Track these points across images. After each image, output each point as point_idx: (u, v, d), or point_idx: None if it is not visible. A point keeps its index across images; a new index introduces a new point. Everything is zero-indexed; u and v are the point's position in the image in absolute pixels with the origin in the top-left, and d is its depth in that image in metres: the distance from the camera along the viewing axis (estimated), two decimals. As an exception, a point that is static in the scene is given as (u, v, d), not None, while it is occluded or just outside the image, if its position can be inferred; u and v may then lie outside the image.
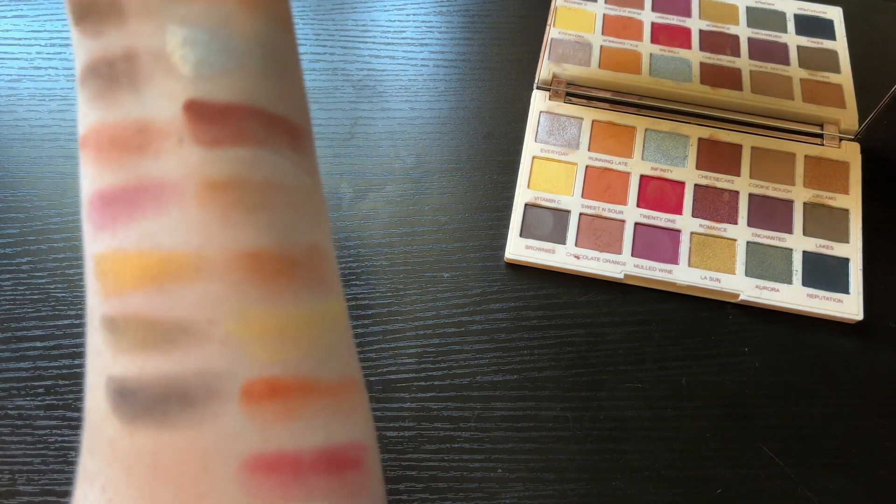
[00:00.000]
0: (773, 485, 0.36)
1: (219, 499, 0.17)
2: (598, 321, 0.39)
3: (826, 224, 0.41)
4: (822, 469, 0.36)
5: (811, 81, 0.45)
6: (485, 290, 0.39)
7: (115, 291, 0.18)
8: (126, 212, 0.18)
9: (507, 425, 0.37)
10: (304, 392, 0.18)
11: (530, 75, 0.45)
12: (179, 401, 0.17)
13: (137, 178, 0.18)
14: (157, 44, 0.18)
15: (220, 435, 0.17)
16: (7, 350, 0.37)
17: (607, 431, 0.37)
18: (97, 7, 0.18)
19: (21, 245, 0.39)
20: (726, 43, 0.46)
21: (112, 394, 0.18)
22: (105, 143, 0.18)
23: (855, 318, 0.38)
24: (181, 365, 0.17)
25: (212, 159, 0.18)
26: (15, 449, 0.35)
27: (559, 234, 0.40)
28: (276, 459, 0.18)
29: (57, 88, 0.43)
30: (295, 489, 0.18)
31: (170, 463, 0.17)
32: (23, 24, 0.44)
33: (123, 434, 0.18)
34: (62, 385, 0.37)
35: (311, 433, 0.18)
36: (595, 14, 0.47)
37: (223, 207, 0.18)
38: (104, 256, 0.18)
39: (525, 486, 0.36)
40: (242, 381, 0.18)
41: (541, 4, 0.47)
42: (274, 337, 0.18)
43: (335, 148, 0.42)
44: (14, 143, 0.42)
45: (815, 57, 0.46)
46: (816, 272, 0.39)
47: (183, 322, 0.17)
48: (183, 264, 0.17)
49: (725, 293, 0.39)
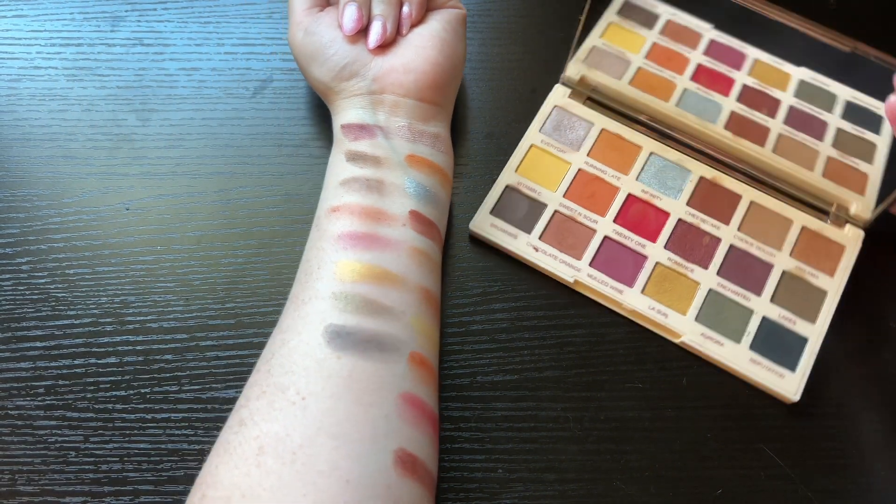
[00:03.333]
0: (773, 485, 0.36)
1: (382, 410, 0.28)
2: (598, 321, 0.39)
3: (798, 298, 0.39)
4: (823, 469, 0.37)
5: (838, 162, 0.43)
6: (485, 290, 0.39)
7: (349, 280, 0.30)
8: (365, 245, 0.32)
9: (508, 425, 0.37)
10: (432, 374, 0.31)
11: (530, 75, 0.45)
12: (376, 347, 0.29)
13: (375, 231, 0.32)
14: (399, 182, 0.34)
15: (393, 373, 0.29)
16: (7, 350, 0.37)
17: (607, 432, 0.37)
18: (366, 158, 0.34)
19: (21, 245, 0.39)
20: (765, 103, 0.45)
21: (330, 334, 0.29)
22: (357, 212, 0.33)
23: (791, 398, 0.37)
24: (382, 329, 0.30)
25: (417, 239, 0.33)
26: (15, 449, 0.35)
27: (528, 223, 0.40)
28: (417, 401, 0.29)
29: (57, 88, 0.43)
30: (419, 423, 0.29)
31: (359, 380, 0.28)
32: (23, 24, 0.44)
33: (332, 358, 0.28)
34: (62, 385, 0.37)
35: (430, 398, 0.31)
36: (646, 39, 0.47)
37: (418, 262, 0.32)
38: (346, 263, 0.31)
39: (525, 486, 0.36)
40: (411, 350, 0.30)
41: (541, 4, 0.47)
42: (427, 337, 0.32)
43: (335, 148, 0.42)
44: (14, 143, 0.41)
45: (852, 142, 0.44)
46: (769, 340, 0.38)
47: (387, 306, 0.30)
48: (394, 279, 0.31)
49: (668, 329, 0.38)
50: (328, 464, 0.26)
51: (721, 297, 0.39)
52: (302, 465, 0.26)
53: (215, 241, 0.40)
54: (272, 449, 0.26)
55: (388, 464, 0.27)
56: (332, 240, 0.32)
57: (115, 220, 0.40)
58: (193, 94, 0.43)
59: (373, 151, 0.34)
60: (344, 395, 0.27)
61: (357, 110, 0.36)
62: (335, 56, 0.36)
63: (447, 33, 0.37)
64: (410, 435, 0.28)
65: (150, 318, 0.38)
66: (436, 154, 0.36)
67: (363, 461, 0.26)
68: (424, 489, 0.28)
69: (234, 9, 0.45)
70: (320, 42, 0.37)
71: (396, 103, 0.36)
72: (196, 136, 0.42)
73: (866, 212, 0.41)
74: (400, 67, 0.36)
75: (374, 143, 0.35)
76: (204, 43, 0.44)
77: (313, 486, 0.25)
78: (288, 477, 0.26)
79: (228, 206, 0.41)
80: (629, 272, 0.39)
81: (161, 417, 0.36)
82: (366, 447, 0.27)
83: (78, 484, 0.35)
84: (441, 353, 0.38)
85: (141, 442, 0.36)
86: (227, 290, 0.39)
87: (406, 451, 0.28)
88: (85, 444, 0.36)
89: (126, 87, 0.43)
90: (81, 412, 0.36)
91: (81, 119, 0.42)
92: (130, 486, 0.35)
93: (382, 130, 0.35)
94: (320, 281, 0.31)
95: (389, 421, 0.28)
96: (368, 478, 0.26)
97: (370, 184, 0.33)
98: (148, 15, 0.45)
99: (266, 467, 0.26)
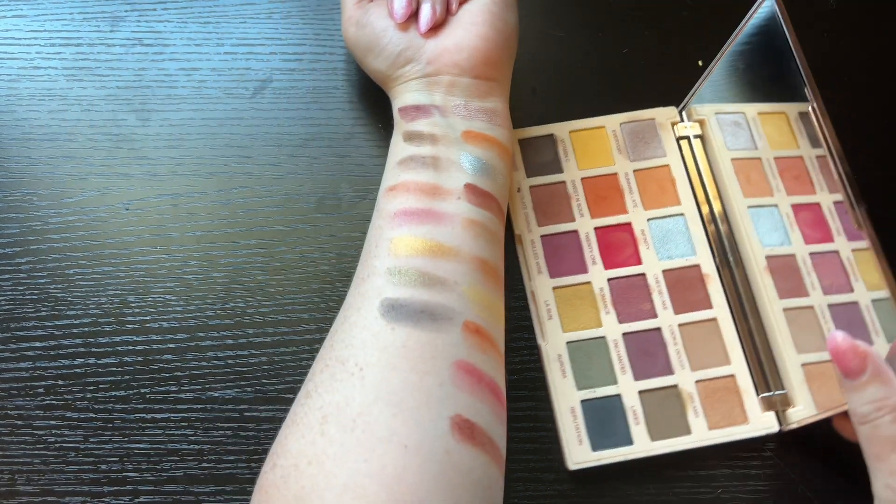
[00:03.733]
0: (773, 485, 0.36)
1: (437, 378, 0.29)
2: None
3: (666, 417, 0.36)
4: (822, 469, 0.36)
5: (829, 368, 0.37)
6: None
7: (404, 254, 0.31)
8: (419, 220, 0.32)
9: (508, 426, 0.37)
10: (490, 342, 0.31)
11: (530, 75, 0.45)
12: (429, 317, 0.30)
13: (430, 206, 0.33)
14: (454, 157, 0.34)
15: (447, 342, 0.30)
16: (6, 350, 0.37)
17: (607, 431, 0.37)
18: (423, 136, 0.35)
19: (20, 245, 0.39)
20: (841, 279, 0.39)
21: (385, 307, 0.30)
22: (412, 189, 0.33)
23: (568, 464, 0.35)
24: (434, 299, 0.30)
25: (473, 210, 0.33)
26: (14, 449, 0.35)
27: (556, 165, 0.42)
28: (472, 368, 0.30)
29: (56, 88, 0.43)
30: (476, 390, 0.29)
31: (413, 349, 0.29)
32: (22, 24, 0.44)
33: (387, 329, 0.29)
34: (62, 385, 0.37)
35: (488, 367, 0.31)
36: (798, 145, 0.41)
37: (474, 233, 0.33)
38: (402, 238, 0.32)
39: (525, 486, 0.36)
40: (465, 318, 0.30)
41: (541, 4, 0.47)
42: (484, 306, 0.32)
43: (335, 148, 0.42)
44: (13, 142, 0.41)
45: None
46: (598, 415, 0.36)
47: (440, 278, 0.31)
48: (448, 251, 0.32)
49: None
50: (387, 430, 0.27)
51: (605, 350, 0.38)
52: (362, 433, 0.27)
53: (215, 241, 0.40)
54: (334, 418, 0.28)
55: (445, 429, 0.27)
56: (388, 218, 0.33)
57: (115, 220, 0.40)
58: (193, 94, 0.43)
59: (429, 130, 0.35)
60: (399, 364, 0.28)
61: (413, 93, 0.36)
62: (389, 45, 0.37)
63: (496, 6, 0.37)
64: (467, 402, 0.29)
65: (150, 318, 0.38)
66: (493, 128, 0.36)
67: (420, 427, 0.27)
68: (488, 456, 0.29)
69: (234, 9, 0.45)
70: (373, 33, 0.37)
71: (452, 83, 0.36)
72: (196, 136, 0.42)
73: (804, 419, 0.36)
74: (452, 47, 0.36)
75: (430, 122, 0.35)
76: (203, 43, 0.44)
77: (373, 452, 0.26)
78: (350, 444, 0.27)
79: (228, 206, 0.41)
80: (575, 259, 0.40)
81: (160, 417, 0.36)
82: (422, 413, 0.27)
83: (77, 484, 0.35)
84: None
85: (140, 442, 0.36)
86: (226, 290, 0.39)
87: (462, 417, 0.28)
88: (84, 444, 0.36)
89: (126, 87, 0.43)
90: (81, 412, 0.36)
91: (81, 119, 0.42)
92: (130, 486, 0.35)
93: (439, 109, 0.36)
94: (377, 258, 0.32)
95: (444, 388, 0.28)
96: (427, 443, 0.27)
97: (426, 161, 0.34)
98: (147, 15, 0.45)
99: (329, 435, 0.27)
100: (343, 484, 0.26)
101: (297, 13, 0.45)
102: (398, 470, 0.26)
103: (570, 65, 0.45)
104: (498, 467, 0.30)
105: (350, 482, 0.26)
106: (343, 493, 0.26)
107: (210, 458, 0.36)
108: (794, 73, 0.33)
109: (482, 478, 0.28)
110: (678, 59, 0.44)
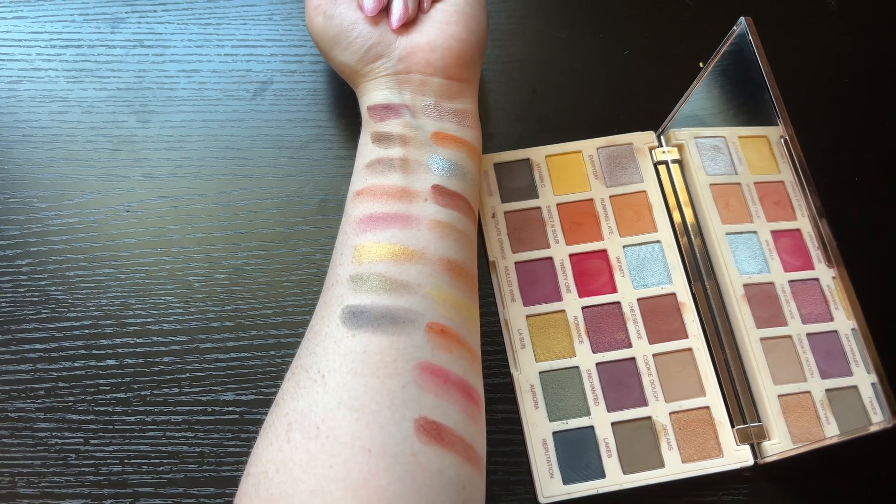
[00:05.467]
0: (775, 487, 0.36)
1: (399, 381, 0.28)
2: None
3: (636, 450, 0.36)
4: (822, 469, 0.36)
5: (811, 402, 0.37)
6: (484, 292, 0.39)
7: (367, 261, 0.31)
8: (384, 224, 0.32)
9: (508, 427, 0.37)
10: (457, 342, 0.31)
11: (530, 75, 0.45)
12: (390, 321, 0.29)
13: (395, 211, 0.32)
14: (423, 159, 0.34)
15: (409, 344, 0.29)
16: (7, 352, 0.37)
17: (608, 434, 0.36)
18: (392, 138, 0.34)
19: (21, 247, 0.39)
20: (821, 307, 0.38)
21: (345, 315, 0.30)
22: (379, 193, 0.33)
23: (539, 498, 0.35)
24: (397, 303, 0.30)
25: (440, 211, 0.33)
26: (15, 451, 0.35)
27: (531, 191, 0.41)
28: (437, 369, 0.29)
29: (57, 90, 0.43)
30: (441, 391, 0.29)
31: (374, 354, 0.29)
32: (23, 26, 0.44)
33: (348, 336, 0.29)
34: (62, 387, 0.37)
35: (456, 366, 0.30)
36: (780, 170, 0.40)
37: (440, 234, 0.32)
38: (365, 245, 0.31)
39: (526, 488, 0.36)
40: (428, 320, 0.30)
41: (542, 5, 0.47)
42: (450, 306, 0.31)
43: (336, 149, 0.42)
44: (14, 144, 0.41)
45: (842, 399, 0.37)
46: (570, 448, 0.36)
47: (403, 282, 0.30)
48: (412, 254, 0.31)
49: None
50: (350, 435, 0.27)
51: (578, 380, 0.37)
52: (326, 438, 0.27)
53: (215, 243, 0.40)
54: (299, 424, 0.28)
55: (409, 432, 0.27)
56: (353, 224, 0.33)
57: (116, 222, 0.40)
58: (194, 95, 0.43)
59: (399, 131, 0.34)
60: (360, 369, 0.28)
61: (383, 91, 0.35)
62: (359, 39, 0.35)
63: (470, 6, 0.36)
64: (433, 403, 0.28)
65: (151, 320, 0.38)
66: (463, 129, 0.36)
67: (383, 430, 0.27)
68: (459, 457, 0.28)
69: (235, 10, 0.45)
70: (342, 25, 0.36)
71: (423, 82, 0.35)
72: (196, 137, 0.42)
73: (780, 452, 0.35)
74: (426, 46, 0.35)
75: (400, 123, 0.35)
76: (204, 45, 0.44)
77: (338, 457, 0.27)
78: (315, 450, 0.27)
79: (229, 207, 0.41)
80: (549, 286, 0.39)
81: (161, 420, 0.36)
82: (384, 417, 0.27)
83: (78, 486, 0.35)
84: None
85: (141, 444, 0.36)
86: (227, 293, 0.39)
87: (428, 418, 0.28)
88: (85, 446, 0.36)
89: (126, 89, 0.43)
90: (81, 414, 0.36)
91: (82, 121, 0.42)
92: (130, 489, 0.35)
93: (409, 109, 0.35)
94: (342, 266, 0.32)
95: (407, 390, 0.28)
96: (391, 446, 0.27)
97: (394, 163, 0.33)
98: (148, 17, 0.45)
99: (295, 442, 0.27)
100: (310, 490, 0.26)
101: (297, 15, 0.45)
102: (363, 474, 0.26)
103: (570, 65, 0.45)
104: (473, 467, 0.29)
105: (317, 488, 0.26)
106: (311, 498, 0.26)
107: (210, 460, 0.36)
108: (770, 99, 0.32)
109: (454, 478, 0.28)
110: (678, 60, 0.44)
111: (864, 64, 0.46)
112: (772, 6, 0.47)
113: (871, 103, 0.45)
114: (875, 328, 0.29)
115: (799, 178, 0.32)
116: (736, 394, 0.37)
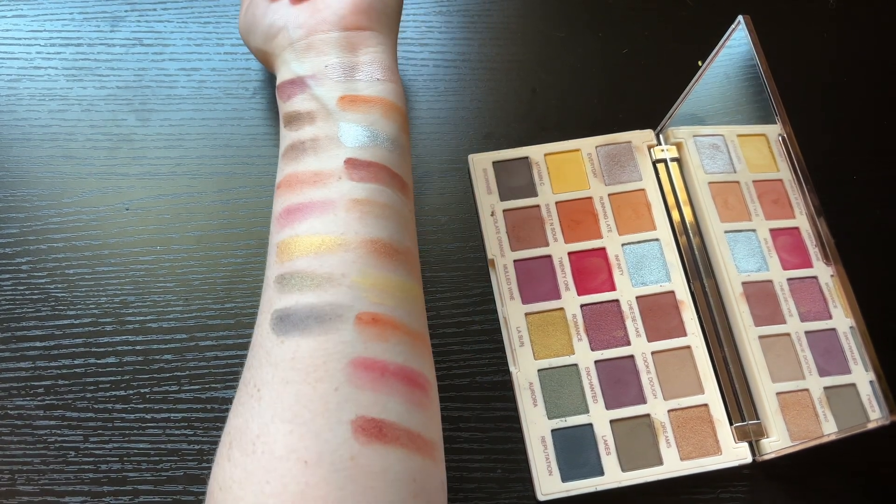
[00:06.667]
0: (773, 485, 0.36)
1: (331, 384, 0.27)
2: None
3: (636, 447, 0.36)
4: (820, 466, 0.36)
5: (809, 399, 0.37)
6: (485, 290, 0.39)
7: (288, 259, 0.29)
8: (301, 216, 0.30)
9: (507, 425, 0.37)
10: (393, 327, 0.28)
11: (530, 75, 0.45)
12: (316, 320, 0.27)
13: (310, 198, 0.30)
14: (332, 132, 0.31)
15: (338, 342, 0.27)
16: (7, 350, 0.37)
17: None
18: (300, 117, 0.32)
19: (21, 245, 0.39)
20: (819, 305, 0.38)
21: (274, 320, 0.28)
22: (293, 183, 0.31)
23: (539, 496, 0.35)
24: (321, 299, 0.28)
25: (356, 188, 0.30)
26: (14, 449, 0.35)
27: (530, 189, 0.41)
28: (371, 363, 0.27)
29: (56, 88, 0.43)
30: (379, 385, 0.27)
31: (304, 359, 0.27)
32: (23, 24, 0.44)
33: (276, 343, 0.28)
34: (62, 385, 0.37)
35: (394, 354, 0.28)
36: (779, 169, 0.41)
37: (360, 214, 0.30)
38: (285, 241, 0.29)
39: (525, 486, 0.36)
40: (357, 311, 0.28)
41: (542, 5, 0.47)
42: (380, 291, 0.29)
43: (335, 148, 0.42)
44: (14, 142, 0.42)
45: (840, 396, 0.37)
46: (569, 444, 0.36)
47: (326, 274, 0.28)
48: (332, 243, 0.29)
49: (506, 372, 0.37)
50: (284, 448, 0.26)
51: (577, 378, 0.37)
52: (262, 454, 0.26)
53: (215, 241, 0.40)
54: (237, 442, 0.27)
55: (346, 435, 0.26)
56: (274, 221, 0.31)
57: (115, 220, 0.40)
58: (193, 94, 0.43)
59: (305, 107, 0.32)
60: (291, 377, 0.27)
61: (289, 65, 0.34)
62: (263, 19, 0.36)
63: None
64: (370, 399, 0.27)
65: (150, 318, 0.38)
66: (373, 84, 0.33)
67: (319, 439, 0.26)
68: (406, 450, 0.27)
69: (234, 9, 0.45)
70: (253, 15, 0.37)
71: (322, 41, 0.33)
72: (196, 136, 0.42)
73: (779, 450, 0.35)
74: (320, 4, 0.34)
75: (305, 97, 0.33)
76: (204, 43, 0.44)
77: (274, 472, 0.26)
78: (252, 466, 0.26)
79: (228, 206, 0.41)
80: (548, 284, 0.39)
81: (160, 417, 0.36)
82: (319, 424, 0.26)
83: (77, 484, 0.35)
84: (441, 352, 0.38)
85: (140, 442, 0.36)
86: (226, 290, 0.39)
87: (366, 417, 0.27)
88: (84, 443, 0.36)
89: (126, 87, 0.43)
90: (81, 412, 0.36)
91: (81, 119, 0.42)
92: (130, 486, 0.35)
93: (313, 78, 0.33)
94: (269, 268, 0.30)
95: (341, 391, 0.27)
96: (328, 454, 0.26)
97: (306, 146, 0.31)
98: (148, 15, 0.45)
99: (234, 460, 0.27)
100: None
101: (297, 13, 0.45)
102: (300, 486, 0.25)
103: (570, 65, 0.45)
104: (424, 456, 0.28)
105: None
106: None
107: (210, 458, 0.36)
108: (768, 97, 0.32)
109: (402, 473, 0.27)
110: (677, 58, 0.44)
111: (863, 63, 0.46)
112: (770, 5, 0.47)
113: (870, 102, 0.45)
114: (873, 326, 0.29)
115: (797, 177, 0.32)
116: (734, 391, 0.37)
